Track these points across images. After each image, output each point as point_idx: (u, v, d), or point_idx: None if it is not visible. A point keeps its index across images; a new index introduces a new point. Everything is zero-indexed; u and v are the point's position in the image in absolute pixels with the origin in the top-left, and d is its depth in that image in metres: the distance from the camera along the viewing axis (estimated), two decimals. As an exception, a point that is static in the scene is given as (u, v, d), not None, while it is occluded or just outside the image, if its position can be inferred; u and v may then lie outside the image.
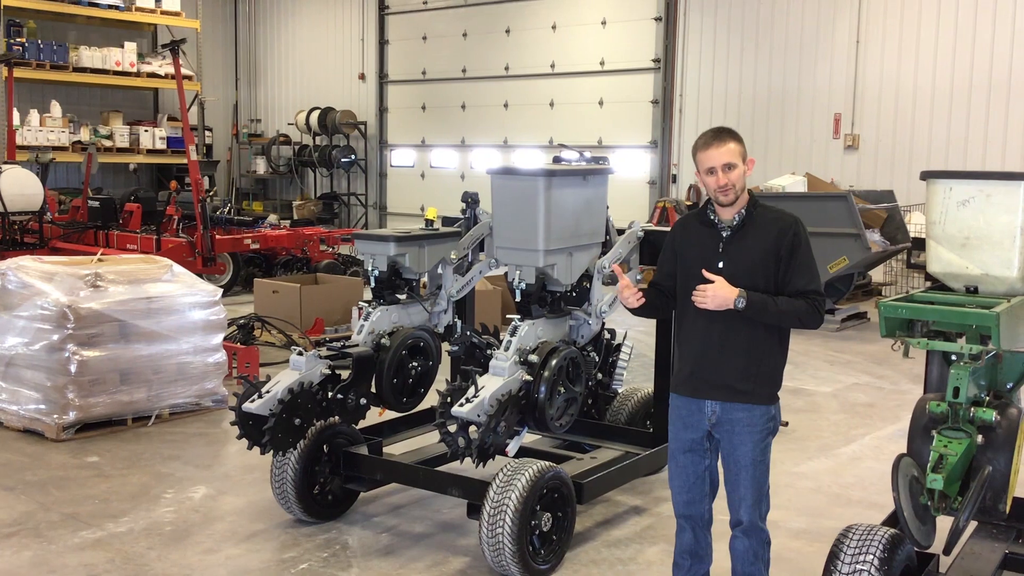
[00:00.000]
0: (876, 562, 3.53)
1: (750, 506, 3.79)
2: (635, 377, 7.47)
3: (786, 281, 3.73)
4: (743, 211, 3.81)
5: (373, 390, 5.27)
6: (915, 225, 11.64)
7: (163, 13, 19.06)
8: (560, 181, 4.91)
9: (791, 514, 5.47)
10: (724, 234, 3.81)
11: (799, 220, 3.80)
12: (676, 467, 3.93)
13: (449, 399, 4.62)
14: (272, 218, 16.46)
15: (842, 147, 14.39)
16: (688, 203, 15.39)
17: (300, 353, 4.98)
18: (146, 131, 19.44)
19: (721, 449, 3.86)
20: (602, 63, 16.94)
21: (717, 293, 3.64)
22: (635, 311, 3.96)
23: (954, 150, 13.27)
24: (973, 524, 4.36)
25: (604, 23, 16.90)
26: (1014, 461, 3.80)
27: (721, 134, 3.81)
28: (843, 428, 7.21)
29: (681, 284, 3.86)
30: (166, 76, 19.03)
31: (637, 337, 7.44)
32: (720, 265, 3.75)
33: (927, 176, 4.19)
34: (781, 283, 3.73)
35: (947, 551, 3.69)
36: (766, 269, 3.73)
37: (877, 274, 12.80)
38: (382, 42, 20.48)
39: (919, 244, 11.12)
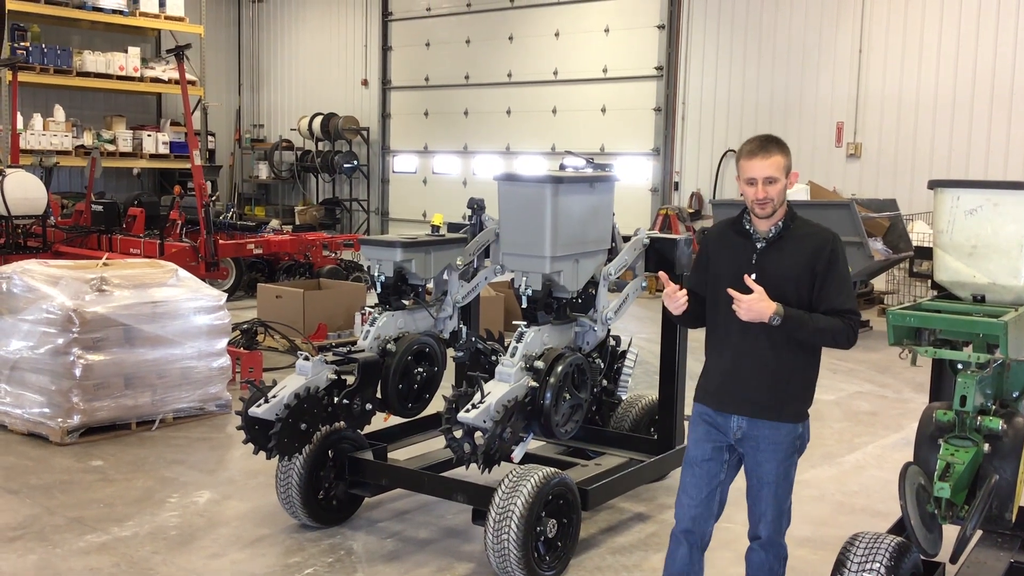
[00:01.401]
0: (883, 570, 3.53)
1: (770, 522, 3.75)
2: (638, 384, 7.48)
3: (821, 298, 3.62)
4: (780, 224, 3.71)
5: (379, 395, 5.27)
6: (917, 234, 11.65)
7: (167, 18, 19.09)
8: (567, 188, 4.92)
9: (795, 522, 5.42)
10: (759, 245, 3.71)
11: (837, 236, 3.70)
12: (691, 477, 3.82)
13: (455, 405, 4.63)
14: (274, 223, 16.47)
15: (844, 156, 14.40)
16: (690, 210, 15.40)
17: (306, 358, 4.99)
18: (149, 136, 19.47)
19: (745, 464, 3.81)
20: (605, 70, 16.97)
21: (753, 306, 3.52)
22: (678, 319, 3.88)
23: (956, 159, 13.28)
24: (978, 533, 4.36)
25: (607, 30, 16.93)
26: (1020, 470, 3.80)
27: (768, 145, 3.65)
28: (846, 436, 7.21)
29: (711, 293, 3.78)
30: (169, 81, 19.07)
31: (641, 345, 7.43)
32: (753, 277, 3.62)
33: (935, 185, 4.21)
34: (816, 300, 3.63)
35: (954, 559, 3.69)
36: (799, 284, 3.63)
37: (880, 283, 12.80)
38: (385, 48, 20.52)
39: (921, 253, 11.14)
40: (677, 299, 3.73)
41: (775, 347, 3.64)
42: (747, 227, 3.76)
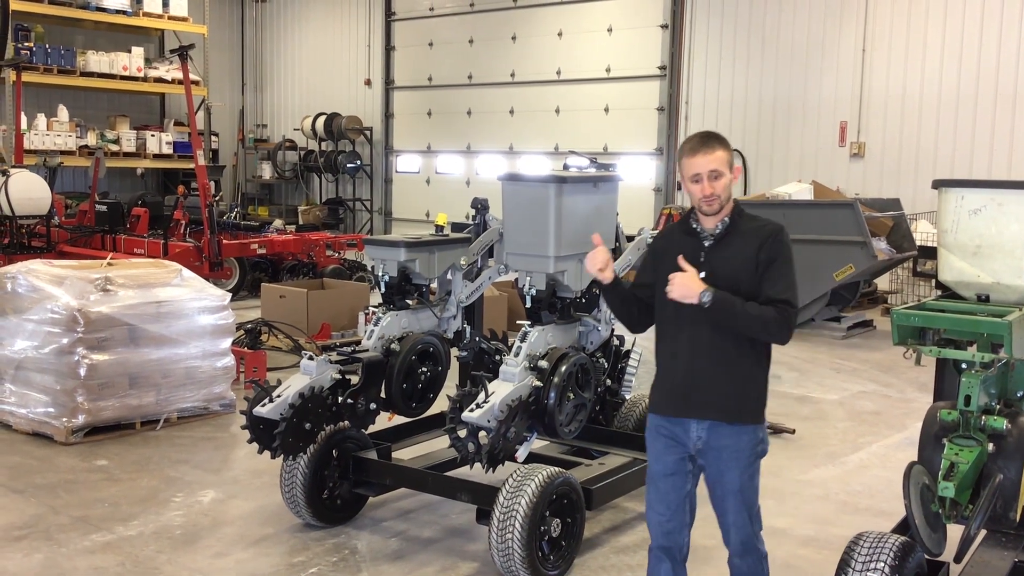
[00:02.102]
0: (887, 569, 3.53)
1: (741, 528, 3.66)
2: (642, 384, 7.46)
3: (762, 288, 3.55)
4: (726, 219, 3.65)
5: (383, 395, 5.28)
6: (921, 233, 11.65)
7: (170, 18, 19.11)
8: (571, 188, 4.93)
9: (799, 522, 5.48)
10: (706, 243, 3.65)
11: (783, 229, 3.63)
12: (656, 493, 3.72)
13: (459, 404, 4.63)
14: (277, 223, 16.49)
15: (848, 155, 14.39)
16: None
17: (311, 358, 5.00)
18: (153, 136, 19.49)
19: (707, 476, 3.70)
20: (608, 70, 16.97)
21: (684, 282, 3.48)
22: (611, 307, 3.86)
23: (960, 158, 13.27)
24: (982, 532, 4.36)
25: (610, 30, 16.93)
26: (1025, 469, 3.80)
27: (709, 140, 3.60)
28: (850, 436, 7.21)
29: (659, 296, 3.65)
30: (173, 81, 19.09)
31: (645, 344, 7.42)
32: (702, 275, 3.57)
33: (939, 185, 4.21)
34: (757, 290, 3.56)
35: (958, 559, 3.69)
36: (748, 278, 3.56)
37: (883, 282, 12.80)
38: (388, 48, 20.53)
39: (925, 252, 11.14)
40: (595, 257, 3.67)
41: (726, 347, 3.56)
42: (694, 226, 3.70)
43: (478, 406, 4.48)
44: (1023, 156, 12.81)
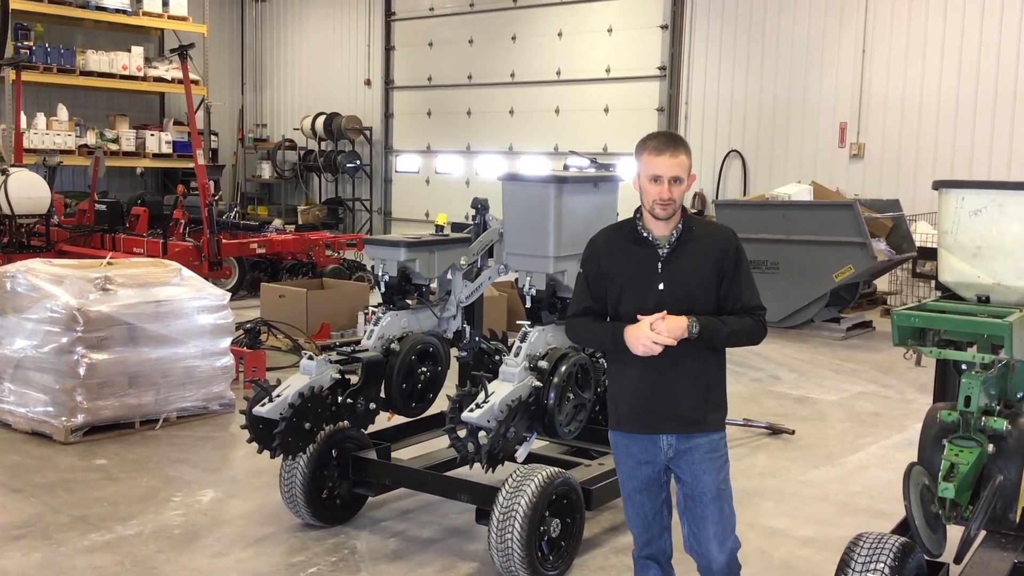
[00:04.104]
0: (887, 570, 3.53)
1: (723, 542, 3.54)
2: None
3: (730, 298, 3.48)
4: (679, 226, 3.51)
5: (382, 395, 5.28)
6: (920, 234, 11.65)
7: (170, 18, 19.09)
8: (571, 188, 4.93)
9: (798, 522, 5.48)
10: (661, 252, 3.49)
11: (735, 232, 3.57)
12: (633, 507, 3.65)
13: (459, 404, 4.63)
14: (276, 223, 16.48)
15: (847, 156, 14.39)
16: (693, 211, 15.39)
17: (310, 357, 4.99)
18: (152, 135, 19.48)
19: (683, 485, 3.57)
20: (608, 70, 16.96)
21: (671, 326, 3.34)
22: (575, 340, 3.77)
23: (960, 160, 13.27)
24: (982, 533, 4.35)
25: (610, 31, 16.93)
26: (1025, 470, 3.80)
27: (675, 143, 3.45)
28: (849, 437, 7.21)
29: (613, 310, 3.54)
30: (172, 80, 19.08)
31: (644, 344, 7.46)
32: (660, 287, 3.45)
33: (940, 185, 4.21)
34: (724, 300, 3.48)
35: (958, 560, 3.69)
36: (707, 287, 3.46)
37: (882, 283, 12.80)
38: (388, 48, 20.52)
39: (924, 253, 11.14)
40: (650, 333, 3.37)
41: (690, 356, 3.45)
42: (644, 234, 3.52)
43: (478, 406, 4.48)
44: (1023, 157, 12.81)
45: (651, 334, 3.35)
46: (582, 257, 3.70)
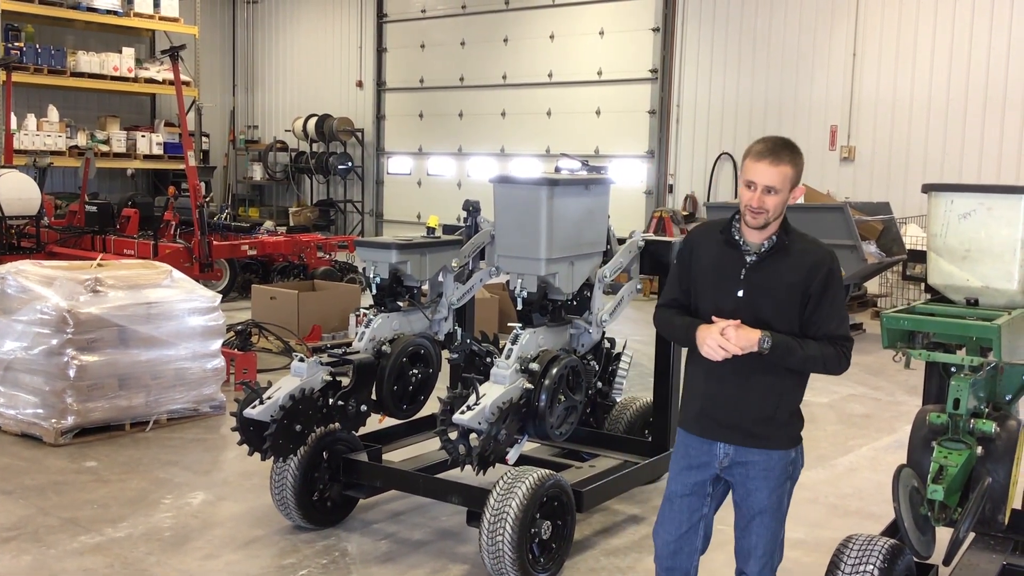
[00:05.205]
0: (876, 572, 3.55)
1: (760, 557, 3.45)
2: (632, 387, 7.47)
3: (813, 322, 3.31)
4: (774, 237, 3.36)
5: (374, 397, 5.28)
6: (910, 237, 11.69)
7: (161, 19, 19.03)
8: (562, 190, 4.93)
9: (789, 524, 5.42)
10: (748, 259, 3.37)
11: (835, 256, 3.38)
12: (670, 511, 3.53)
13: (450, 406, 4.63)
14: (268, 224, 16.46)
15: (838, 159, 14.43)
16: (685, 213, 15.42)
17: (301, 359, 4.99)
18: (143, 136, 19.43)
19: (733, 494, 3.52)
20: (599, 73, 16.98)
21: (741, 336, 3.22)
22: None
23: (950, 163, 13.32)
24: (971, 535, 4.38)
25: (602, 33, 16.95)
26: (1013, 473, 3.83)
27: (779, 151, 3.28)
28: (840, 439, 7.23)
29: (693, 305, 3.48)
30: (164, 82, 19.03)
31: (636, 347, 7.42)
32: (740, 293, 3.34)
33: (929, 189, 4.23)
34: (807, 323, 3.32)
35: (947, 562, 3.71)
36: (790, 305, 3.31)
37: (872, 286, 12.84)
38: (380, 50, 20.51)
39: (914, 256, 11.18)
40: (719, 338, 3.27)
41: (762, 370, 3.33)
42: (737, 237, 3.41)
43: (469, 408, 4.48)
44: (1012, 160, 12.87)
45: (719, 339, 3.26)
46: (678, 248, 3.65)
